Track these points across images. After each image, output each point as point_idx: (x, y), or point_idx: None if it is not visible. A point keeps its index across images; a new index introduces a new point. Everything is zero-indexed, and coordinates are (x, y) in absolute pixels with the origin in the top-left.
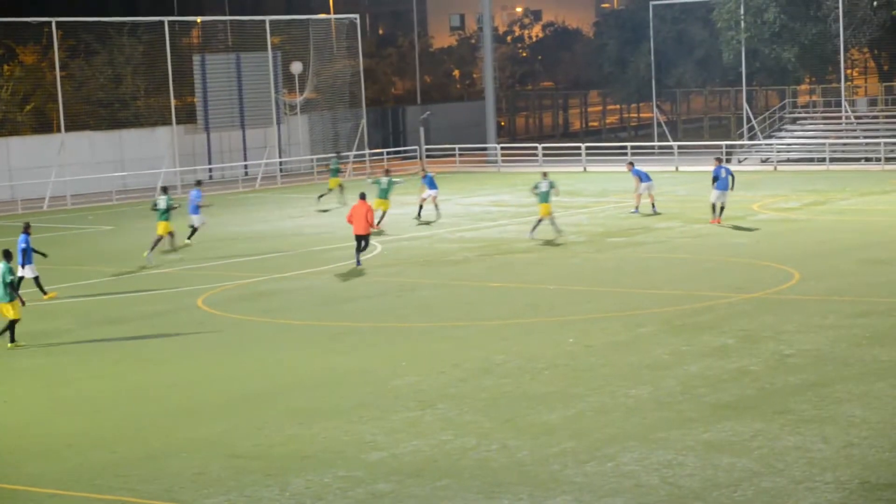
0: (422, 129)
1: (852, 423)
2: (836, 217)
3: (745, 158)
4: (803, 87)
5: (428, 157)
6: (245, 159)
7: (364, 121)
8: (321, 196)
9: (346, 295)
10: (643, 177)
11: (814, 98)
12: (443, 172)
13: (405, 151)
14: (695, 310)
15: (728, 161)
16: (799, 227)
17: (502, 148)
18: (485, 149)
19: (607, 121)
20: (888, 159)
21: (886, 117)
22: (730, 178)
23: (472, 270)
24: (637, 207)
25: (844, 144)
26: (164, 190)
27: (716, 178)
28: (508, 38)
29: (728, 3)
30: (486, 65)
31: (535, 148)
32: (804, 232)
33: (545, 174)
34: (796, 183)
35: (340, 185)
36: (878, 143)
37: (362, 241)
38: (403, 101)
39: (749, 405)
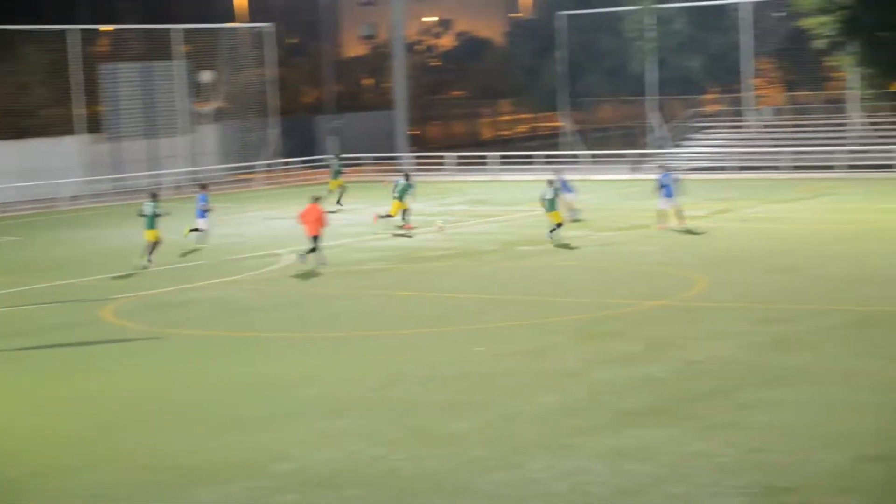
0: (333, 139)
1: (757, 429)
2: (742, 225)
3: (654, 168)
4: (710, 96)
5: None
6: (153, 169)
7: (275, 130)
8: (334, 193)
9: (256, 305)
10: (667, 189)
11: (720, 107)
12: (353, 182)
13: (316, 161)
14: (603, 318)
15: (637, 170)
16: (706, 235)
17: (415, 157)
18: (396, 158)
19: (518, 130)
20: (793, 168)
21: (791, 126)
22: (676, 184)
23: (382, 279)
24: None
25: (751, 153)
26: (153, 196)
27: (662, 186)
28: (419, 47)
29: (636, 13)
30: (398, 74)
31: (446, 157)
32: (711, 240)
33: (551, 181)
34: (703, 191)
35: (342, 187)
36: (783, 152)
37: (314, 242)
38: (314, 111)
39: (656, 412)
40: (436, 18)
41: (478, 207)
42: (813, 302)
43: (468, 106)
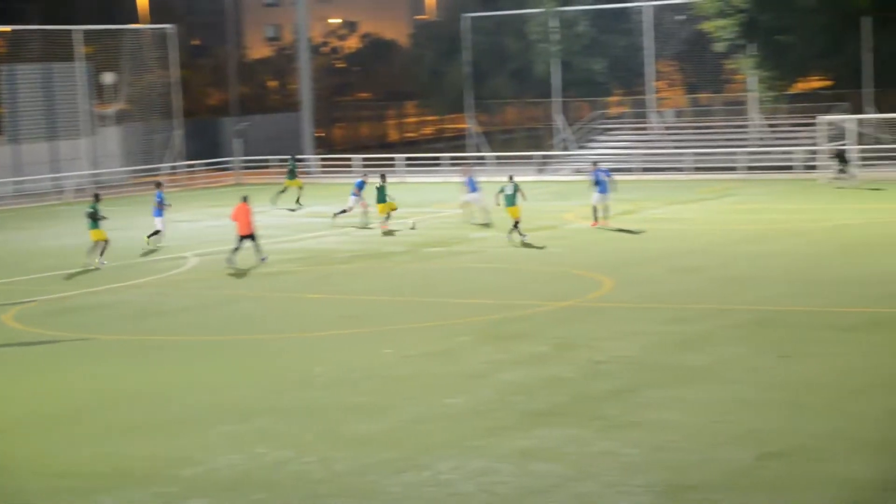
0: (238, 141)
1: (661, 428)
2: (646, 226)
3: (559, 169)
4: (614, 98)
5: (244, 168)
6: (55, 171)
7: (179, 132)
8: (280, 192)
9: (163, 308)
10: (601, 185)
11: (623, 109)
12: (260, 184)
13: (221, 163)
14: (510, 318)
15: (542, 171)
16: (611, 235)
17: (321, 159)
18: (302, 160)
19: (424, 132)
20: (695, 169)
21: (692, 128)
22: (609, 181)
23: (290, 282)
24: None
25: (653, 154)
26: (96, 197)
27: (597, 183)
28: (325, 49)
29: (541, 16)
30: (303, 76)
31: (353, 159)
32: (616, 240)
33: (511, 177)
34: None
35: (300, 187)
36: (685, 153)
37: (246, 240)
38: (219, 113)
39: (563, 412)
40: (340, 20)
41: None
42: (715, 302)
43: (374, 108)
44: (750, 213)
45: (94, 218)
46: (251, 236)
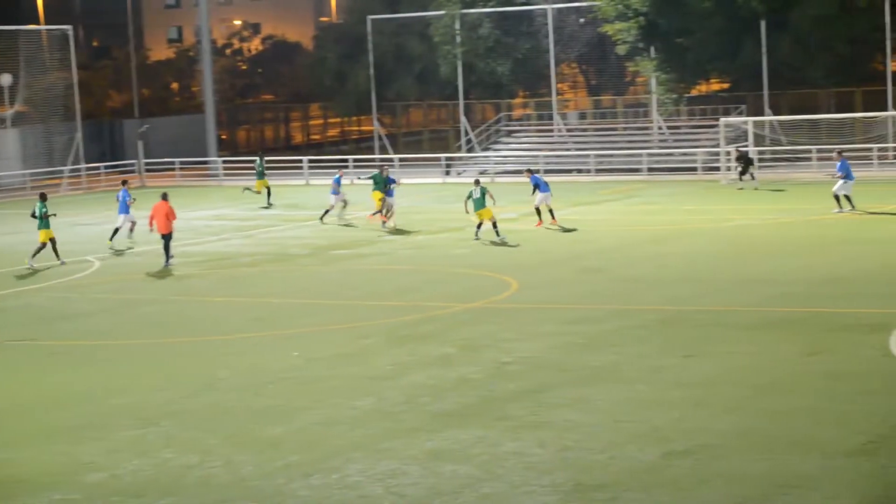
0: (140, 143)
1: (567, 428)
2: (551, 227)
3: (464, 171)
4: (518, 100)
5: (147, 171)
6: None
7: (79, 134)
8: (245, 189)
9: (65, 312)
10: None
11: (528, 111)
12: (163, 187)
13: (123, 165)
14: (417, 320)
15: (447, 173)
16: (516, 237)
17: (224, 161)
18: (206, 162)
19: (329, 134)
20: (598, 170)
21: (595, 130)
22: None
23: (195, 285)
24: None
25: (557, 156)
26: (42, 197)
27: (537, 186)
28: (227, 50)
29: (444, 18)
30: (206, 78)
31: (257, 161)
32: (521, 242)
33: (477, 181)
34: (513, 194)
35: (268, 188)
36: (588, 155)
37: (166, 240)
38: (121, 115)
39: (470, 413)
40: (241, 22)
41: (290, 212)
42: (619, 302)
43: (278, 110)
44: (652, 215)
45: (42, 217)
46: (169, 235)
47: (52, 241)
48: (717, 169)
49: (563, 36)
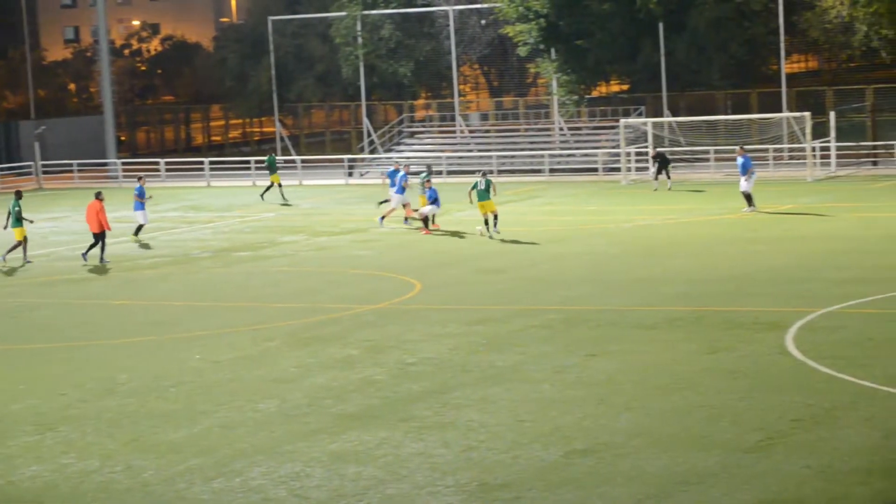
0: (37, 145)
1: (471, 428)
2: (453, 228)
3: (367, 172)
4: (420, 101)
5: (44, 173)
6: None
7: None
8: (265, 191)
9: None
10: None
11: (430, 112)
12: (62, 189)
13: (19, 168)
14: (321, 322)
15: (350, 175)
16: (419, 238)
17: (123, 163)
18: (105, 164)
19: (230, 135)
20: (500, 171)
21: (497, 131)
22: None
23: (93, 288)
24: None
25: (460, 158)
26: (17, 195)
27: (434, 199)
28: (126, 51)
29: (345, 20)
30: (104, 78)
31: (158, 163)
32: (424, 243)
33: (483, 173)
34: (416, 196)
35: (279, 184)
36: (491, 157)
37: (98, 239)
38: (16, 116)
39: (374, 414)
40: (139, 22)
41: (191, 214)
42: (522, 302)
43: (179, 111)
44: (554, 215)
45: (16, 215)
46: (101, 235)
47: (24, 238)
48: (618, 170)
49: (464, 37)
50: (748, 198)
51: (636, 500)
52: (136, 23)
